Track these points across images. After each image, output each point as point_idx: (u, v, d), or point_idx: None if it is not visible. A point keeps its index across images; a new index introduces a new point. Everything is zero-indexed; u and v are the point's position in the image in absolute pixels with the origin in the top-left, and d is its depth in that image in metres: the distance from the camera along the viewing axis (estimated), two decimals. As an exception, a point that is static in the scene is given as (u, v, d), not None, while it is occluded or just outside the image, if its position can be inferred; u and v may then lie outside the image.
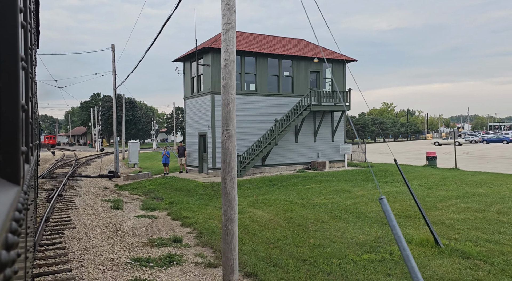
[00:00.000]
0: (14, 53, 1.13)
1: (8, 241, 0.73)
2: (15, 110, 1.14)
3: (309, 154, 21.05)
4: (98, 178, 21.61)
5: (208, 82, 18.93)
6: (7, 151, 1.11)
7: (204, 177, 18.51)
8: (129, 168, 28.80)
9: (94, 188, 17.10)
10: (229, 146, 5.38)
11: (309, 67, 21.00)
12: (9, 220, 0.81)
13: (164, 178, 18.82)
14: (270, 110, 20.05)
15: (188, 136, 21.54)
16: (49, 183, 18.38)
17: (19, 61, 1.17)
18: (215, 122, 18.70)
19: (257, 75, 19.74)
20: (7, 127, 1.11)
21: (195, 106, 20.36)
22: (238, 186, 15.73)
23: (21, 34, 1.35)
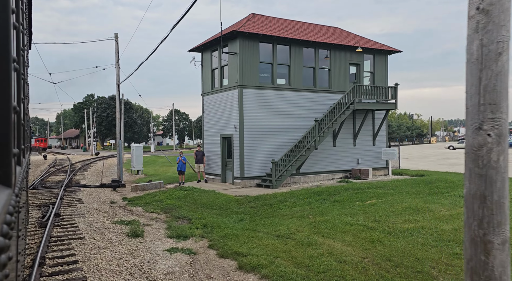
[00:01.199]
0: (6, 54, 1.12)
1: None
2: (7, 112, 1.12)
3: (348, 160, 18.09)
4: (100, 188, 18.35)
5: (235, 74, 15.87)
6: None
7: (231, 189, 15.40)
8: (133, 175, 25.51)
9: (98, 203, 13.88)
10: (499, 159, 2.27)
11: (348, 58, 18.08)
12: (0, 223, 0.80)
13: (182, 189, 15.66)
14: (305, 108, 17.06)
15: (207, 139, 18.41)
16: (42, 196, 15.10)
17: (11, 62, 1.16)
18: (244, 121, 15.64)
19: (291, 67, 16.75)
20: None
21: (217, 103, 17.27)
22: (280, 201, 12.67)
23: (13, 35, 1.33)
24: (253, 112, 15.84)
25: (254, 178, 15.90)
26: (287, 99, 16.62)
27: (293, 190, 14.40)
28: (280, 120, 16.46)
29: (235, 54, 15.71)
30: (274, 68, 16.39)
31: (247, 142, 15.69)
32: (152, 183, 17.44)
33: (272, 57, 16.37)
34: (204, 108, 18.46)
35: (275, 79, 16.40)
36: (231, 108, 16.16)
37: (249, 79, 15.73)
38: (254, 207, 12.07)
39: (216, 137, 17.42)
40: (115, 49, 21.88)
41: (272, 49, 16.34)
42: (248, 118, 15.71)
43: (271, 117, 16.22)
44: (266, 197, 13.08)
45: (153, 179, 22.88)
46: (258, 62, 15.99)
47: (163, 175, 25.18)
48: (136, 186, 17.23)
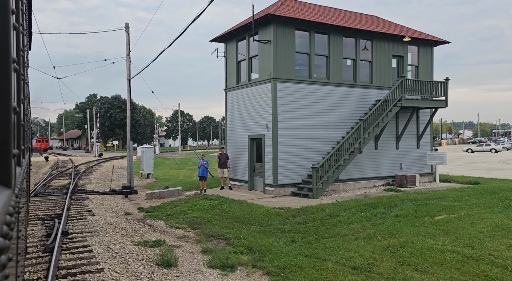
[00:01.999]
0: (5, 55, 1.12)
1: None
2: (6, 112, 1.13)
3: (391, 165, 15.99)
4: (110, 195, 16.29)
5: (267, 65, 13.81)
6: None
7: (263, 198, 13.31)
8: (142, 179, 23.44)
9: (111, 214, 11.80)
10: None
11: (392, 49, 16.01)
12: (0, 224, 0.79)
13: (206, 198, 13.56)
14: (344, 105, 14.98)
15: (231, 140, 16.32)
16: (45, 205, 13.02)
17: (11, 63, 1.16)
18: (278, 120, 13.56)
19: (330, 58, 14.68)
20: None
21: (245, 99, 15.19)
22: (331, 215, 10.56)
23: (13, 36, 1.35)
24: (288, 110, 13.77)
25: (289, 186, 13.82)
26: (325, 95, 14.54)
27: (339, 200, 12.28)
28: (318, 119, 14.38)
29: (268, 42, 13.64)
30: (311, 60, 14.32)
31: (282, 144, 13.62)
32: (169, 190, 15.36)
33: (309, 47, 14.30)
34: (228, 105, 16.38)
35: (312, 72, 14.33)
36: (262, 105, 14.09)
37: (284, 71, 13.67)
38: (302, 223, 9.96)
39: (243, 138, 15.34)
40: (126, 40, 19.87)
41: (310, 37, 14.28)
42: (282, 116, 13.64)
43: (307, 115, 14.15)
44: (312, 210, 10.98)
45: (166, 184, 20.83)
46: (294, 52, 13.94)
47: (175, 179, 23.11)
48: (151, 193, 15.15)
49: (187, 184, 19.45)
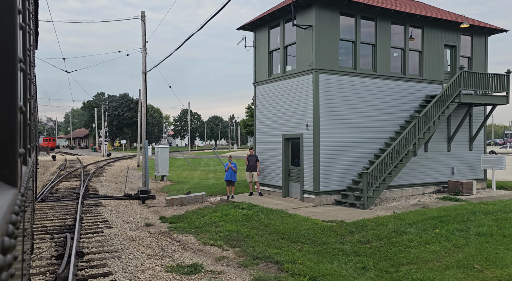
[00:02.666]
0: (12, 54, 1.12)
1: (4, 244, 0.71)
2: (13, 112, 1.13)
3: (441, 169, 14.11)
4: (125, 200, 14.63)
5: (307, 54, 12.03)
6: (4, 153, 1.09)
7: (304, 207, 11.53)
8: (157, 181, 21.78)
9: (130, 226, 10.10)
10: None
11: (444, 38, 14.14)
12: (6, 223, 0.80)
13: (238, 206, 11.81)
14: (392, 101, 13.15)
15: (261, 139, 14.54)
16: (53, 213, 11.36)
17: (17, 62, 1.17)
18: (320, 117, 11.77)
19: (377, 47, 12.86)
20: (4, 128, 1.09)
21: (278, 94, 13.42)
22: (396, 232, 8.73)
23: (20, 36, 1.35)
24: (331, 105, 11.99)
25: (332, 193, 12.02)
26: (371, 89, 12.72)
27: (397, 212, 10.44)
28: (363, 117, 12.57)
29: (309, 27, 11.85)
30: (357, 48, 12.51)
31: (324, 145, 11.83)
32: (192, 196, 13.66)
33: (354, 34, 12.49)
34: (257, 100, 14.61)
35: (357, 62, 12.52)
36: (301, 100, 12.31)
37: (327, 61, 11.88)
38: (365, 242, 8.16)
39: (275, 137, 13.57)
40: (142, 30, 18.22)
41: (355, 22, 12.46)
42: (325, 113, 11.85)
43: (351, 112, 12.35)
44: (371, 225, 9.18)
45: (182, 187, 19.15)
46: (338, 39, 12.14)
47: (191, 182, 21.43)
48: (172, 199, 13.45)
49: (207, 188, 17.75)
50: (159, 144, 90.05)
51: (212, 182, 20.75)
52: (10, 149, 1.11)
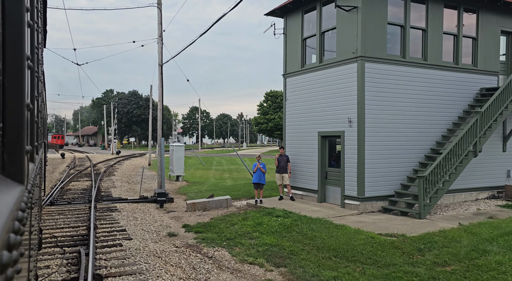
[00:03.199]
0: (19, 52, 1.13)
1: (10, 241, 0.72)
2: (19, 109, 1.13)
3: (496, 172, 12.50)
4: (141, 203, 13.31)
5: (350, 40, 10.52)
6: (11, 150, 1.09)
7: (347, 215, 10.04)
8: (171, 181, 20.46)
9: (151, 236, 8.74)
10: None
11: (500, 23, 12.51)
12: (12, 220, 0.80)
13: (270, 213, 10.38)
14: (444, 94, 11.59)
15: (292, 137, 13.07)
16: (63, 219, 10.04)
17: (25, 60, 1.17)
18: (366, 112, 10.28)
19: (428, 32, 11.31)
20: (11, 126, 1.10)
21: (313, 86, 11.94)
22: (474, 250, 7.22)
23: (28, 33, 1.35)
24: (378, 99, 10.49)
25: (378, 199, 10.53)
26: (421, 80, 11.18)
27: (464, 223, 8.89)
28: (412, 112, 11.03)
29: (353, 9, 10.34)
30: (406, 34, 10.96)
31: (370, 143, 10.34)
32: (215, 200, 12.27)
33: (403, 17, 10.95)
34: (288, 94, 13.14)
35: (407, 50, 10.97)
36: (342, 93, 10.82)
37: (373, 48, 10.37)
38: (441, 264, 6.66)
39: (309, 135, 12.10)
40: (158, 19, 16.88)
41: (405, 4, 10.92)
42: (371, 107, 10.35)
43: (400, 107, 10.83)
44: (440, 240, 7.67)
45: (199, 188, 17.81)
46: (386, 23, 10.61)
47: (207, 183, 20.07)
48: (193, 204, 12.07)
49: (227, 191, 16.36)
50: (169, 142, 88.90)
51: (230, 184, 19.37)
52: (17, 146, 1.12)
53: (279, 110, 57.81)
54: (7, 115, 1.06)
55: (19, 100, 1.11)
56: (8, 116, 1.06)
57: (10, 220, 0.77)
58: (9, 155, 1.07)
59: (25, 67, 1.16)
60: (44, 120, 8.42)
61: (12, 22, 1.07)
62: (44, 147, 7.97)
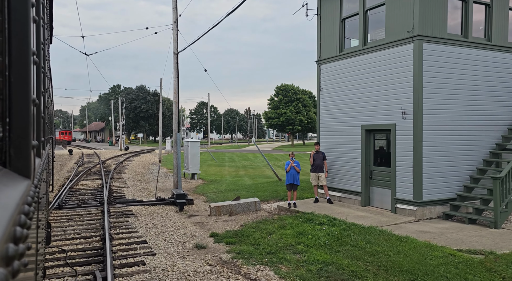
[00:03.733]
0: (25, 47, 1.12)
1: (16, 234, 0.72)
2: (26, 104, 1.13)
3: None
4: (157, 205, 11.98)
5: (404, 17, 8.97)
6: (17, 145, 1.10)
7: (403, 222, 8.55)
8: (187, 179, 19.12)
9: (178, 251, 7.37)
10: None
11: None
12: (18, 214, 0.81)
13: (311, 220, 8.94)
14: (510, 81, 10.01)
15: (327, 132, 11.58)
16: (74, 228, 8.69)
17: (31, 55, 1.17)
18: (424, 101, 8.76)
19: (493, 8, 9.69)
20: (18, 121, 1.10)
21: (354, 73, 10.42)
22: None
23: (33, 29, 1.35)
24: (437, 86, 8.95)
25: (437, 203, 9.03)
26: (485, 64, 9.60)
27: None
28: (475, 102, 9.47)
29: (409, -20, 8.77)
30: (468, 9, 9.37)
31: (428, 138, 8.83)
32: (242, 203, 10.87)
33: (465, -10, 9.35)
34: (323, 83, 11.62)
35: (468, 29, 9.37)
36: (393, 79, 9.30)
37: (433, 26, 8.81)
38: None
39: (350, 130, 10.60)
40: (173, 3, 15.40)
41: (467, -25, 9.32)
42: (429, 96, 8.82)
43: (461, 95, 9.27)
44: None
45: (218, 187, 16.44)
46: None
47: (225, 181, 18.71)
48: (218, 207, 10.68)
49: (251, 190, 14.98)
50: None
51: (250, 182, 17.98)
52: (23, 142, 1.13)
53: (290, 104, 56.26)
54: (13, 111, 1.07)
55: (25, 96, 1.13)
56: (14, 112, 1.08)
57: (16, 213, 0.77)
58: (15, 150, 1.09)
59: (30, 62, 1.17)
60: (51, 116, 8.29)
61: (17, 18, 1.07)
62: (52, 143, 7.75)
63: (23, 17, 1.09)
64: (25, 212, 0.92)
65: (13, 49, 1.05)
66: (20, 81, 1.09)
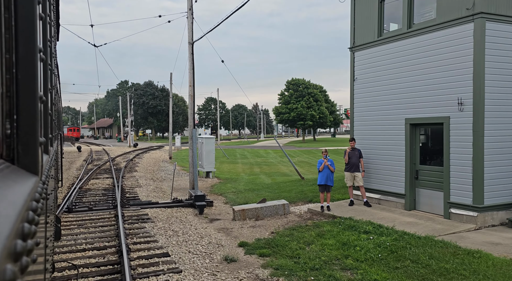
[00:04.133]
0: (31, 44, 1.12)
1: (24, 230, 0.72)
2: (33, 102, 1.14)
3: None
4: (174, 207, 10.97)
5: (463, -7, 7.75)
6: (25, 142, 1.11)
7: (462, 231, 7.34)
8: (201, 178, 18.09)
9: (205, 265, 6.30)
10: None
11: None
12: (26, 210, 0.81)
13: (353, 227, 7.84)
14: None
15: (362, 127, 10.41)
16: (85, 237, 7.67)
17: (37, 52, 1.18)
18: (486, 90, 7.56)
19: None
20: (25, 118, 1.10)
21: (398, 60, 9.21)
22: None
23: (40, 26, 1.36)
24: (502, 72, 7.74)
25: (499, 208, 7.85)
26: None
27: None
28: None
29: (469, -51, 7.53)
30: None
31: (490, 133, 7.63)
32: (269, 206, 9.79)
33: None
34: (357, 72, 10.42)
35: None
36: (446, 66, 8.09)
37: (497, 0, 7.57)
38: None
39: (391, 124, 9.43)
40: (186, -12, 14.27)
41: None
42: (492, 84, 7.61)
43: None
44: None
45: (235, 186, 15.39)
46: (512, -32, 7.77)
47: (241, 179, 17.66)
48: (243, 211, 9.61)
49: (272, 190, 13.91)
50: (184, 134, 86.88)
51: (268, 181, 16.89)
52: (31, 138, 1.13)
53: (301, 99, 54.89)
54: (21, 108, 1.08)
55: (32, 93, 1.13)
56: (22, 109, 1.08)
57: (24, 210, 0.77)
58: (23, 147, 1.10)
59: (37, 59, 1.17)
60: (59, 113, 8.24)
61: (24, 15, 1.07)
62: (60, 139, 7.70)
63: (29, 14, 1.10)
64: (33, 209, 0.92)
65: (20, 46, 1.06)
66: (27, 78, 1.10)
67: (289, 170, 22.80)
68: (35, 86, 1.13)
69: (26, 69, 1.08)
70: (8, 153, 1.03)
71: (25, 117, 1.09)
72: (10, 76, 1.01)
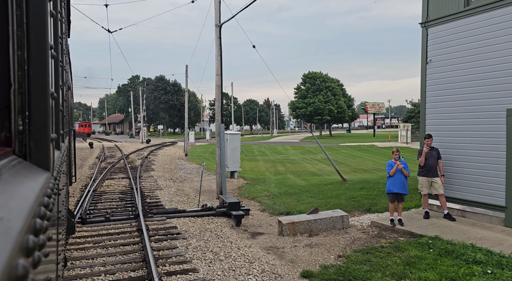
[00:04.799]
0: (43, 41, 1.13)
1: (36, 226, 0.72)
2: (44, 98, 1.15)
3: None
4: (204, 216, 9.23)
5: None
6: (37, 138, 1.12)
7: None
8: (226, 178, 16.39)
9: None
10: None
11: None
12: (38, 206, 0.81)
13: (449, 252, 5.94)
14: None
15: (438, 121, 8.44)
16: (103, 261, 5.83)
17: (48, 49, 1.18)
18: None
19: None
20: (37, 114, 1.12)
21: (493, 35, 7.23)
22: None
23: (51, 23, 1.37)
24: None
25: None
26: None
27: None
28: None
29: None
30: None
31: None
32: (324, 219, 7.95)
33: None
34: (431, 53, 8.42)
35: None
36: None
37: None
38: None
39: (483, 116, 7.47)
40: (213, -38, 12.42)
41: None
42: None
43: None
44: None
45: (265, 188, 13.57)
46: None
47: (268, 180, 15.83)
48: (293, 224, 7.80)
49: (314, 194, 12.08)
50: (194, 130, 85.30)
51: (302, 183, 15.01)
52: (42, 134, 1.14)
53: (318, 93, 52.68)
54: (32, 104, 1.09)
55: (43, 89, 1.14)
56: (33, 105, 1.09)
57: (36, 205, 0.78)
58: (35, 143, 1.11)
59: (48, 56, 1.18)
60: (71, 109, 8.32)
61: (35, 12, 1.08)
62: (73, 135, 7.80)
63: (40, 11, 1.11)
64: (45, 204, 0.93)
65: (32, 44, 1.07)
66: (39, 75, 1.11)
67: (317, 168, 20.93)
68: (46, 82, 1.16)
69: (38, 66, 1.10)
70: (20, 149, 1.04)
71: (37, 114, 1.12)
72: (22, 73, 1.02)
